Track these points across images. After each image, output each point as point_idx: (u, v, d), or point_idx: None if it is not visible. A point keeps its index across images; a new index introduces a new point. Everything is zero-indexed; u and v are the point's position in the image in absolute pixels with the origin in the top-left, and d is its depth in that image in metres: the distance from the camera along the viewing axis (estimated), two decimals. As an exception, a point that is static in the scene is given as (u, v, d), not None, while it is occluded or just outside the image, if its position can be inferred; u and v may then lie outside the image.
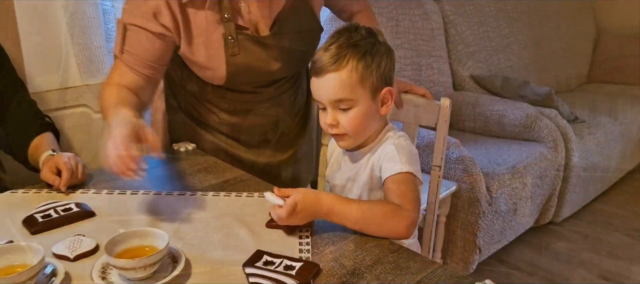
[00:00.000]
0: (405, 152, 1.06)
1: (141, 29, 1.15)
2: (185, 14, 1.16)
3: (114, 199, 1.10)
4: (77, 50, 1.64)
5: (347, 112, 1.05)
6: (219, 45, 1.20)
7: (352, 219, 0.97)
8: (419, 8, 2.57)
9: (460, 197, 1.98)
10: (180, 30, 1.17)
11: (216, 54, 1.21)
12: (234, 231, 0.98)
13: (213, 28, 1.19)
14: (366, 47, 1.03)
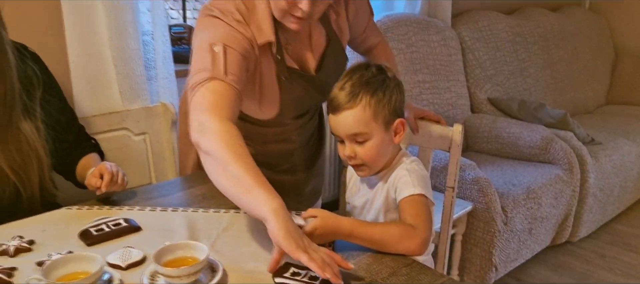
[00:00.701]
0: (418, 176, 1.16)
1: (237, 52, 1.15)
2: (258, 57, 1.24)
3: (157, 215, 1.23)
4: (119, 79, 1.80)
5: (363, 145, 1.15)
6: (274, 83, 1.30)
7: (370, 240, 1.07)
8: (438, 34, 2.68)
9: (476, 217, 2.06)
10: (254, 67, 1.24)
11: (271, 89, 1.31)
12: (263, 244, 1.10)
13: (269, 69, 1.28)
14: (377, 84, 1.14)
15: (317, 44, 1.36)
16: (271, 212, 0.92)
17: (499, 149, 2.56)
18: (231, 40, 1.14)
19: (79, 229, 1.14)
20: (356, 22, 1.44)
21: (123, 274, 0.98)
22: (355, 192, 1.33)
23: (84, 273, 0.92)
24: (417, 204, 1.13)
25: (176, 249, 0.98)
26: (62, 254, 1.01)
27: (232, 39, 1.15)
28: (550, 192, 2.29)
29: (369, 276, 0.98)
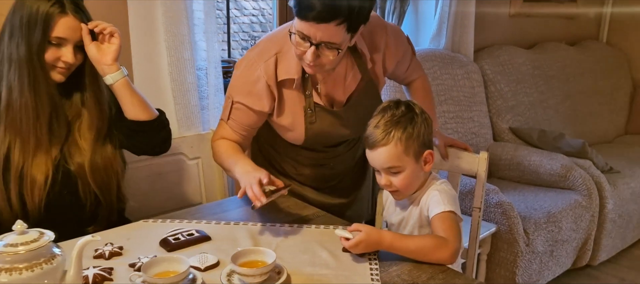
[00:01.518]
0: (447, 196, 1.33)
1: (245, 106, 1.50)
2: (280, 91, 1.50)
3: (222, 227, 1.42)
4: (177, 108, 2.02)
5: (397, 175, 1.33)
6: (301, 115, 1.53)
7: (408, 251, 1.25)
8: (461, 68, 2.86)
9: (500, 238, 2.21)
10: (275, 104, 1.51)
11: (298, 120, 1.54)
12: (317, 253, 1.28)
13: (297, 102, 1.52)
14: (407, 122, 1.31)
15: (350, 85, 1.55)
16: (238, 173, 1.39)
17: (520, 176, 2.71)
18: (246, 95, 1.49)
19: (157, 238, 1.34)
20: (398, 68, 1.65)
21: (202, 275, 1.16)
22: (392, 211, 1.51)
23: (173, 271, 1.11)
24: (447, 220, 1.30)
25: (248, 254, 1.16)
26: (150, 257, 1.20)
27: (247, 93, 1.49)
28: (570, 216, 2.43)
29: (411, 279, 1.15)
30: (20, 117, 1.31)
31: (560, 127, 3.26)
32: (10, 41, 1.30)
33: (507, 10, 3.37)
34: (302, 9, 1.29)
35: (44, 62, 1.32)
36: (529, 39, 3.54)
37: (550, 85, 3.32)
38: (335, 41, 1.32)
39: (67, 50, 1.33)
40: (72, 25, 1.33)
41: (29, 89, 1.30)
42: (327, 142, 1.64)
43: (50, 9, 1.29)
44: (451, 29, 2.88)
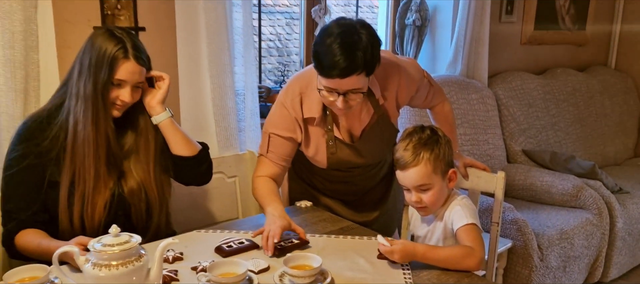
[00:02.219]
0: (469, 210, 1.50)
1: (280, 137, 1.70)
2: (306, 126, 1.71)
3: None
4: (218, 130, 2.21)
5: (427, 192, 1.49)
6: (323, 146, 1.74)
7: (439, 260, 1.40)
8: (476, 93, 3.04)
9: (515, 253, 2.35)
10: (302, 136, 1.72)
11: (321, 151, 1.74)
12: (355, 260, 1.44)
13: (320, 135, 1.72)
14: (433, 144, 1.48)
15: (364, 119, 1.75)
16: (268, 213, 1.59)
17: (533, 196, 2.85)
18: (279, 126, 1.70)
19: (211, 245, 1.51)
20: (414, 100, 1.84)
21: (257, 277, 1.33)
22: (418, 225, 1.67)
23: (233, 273, 1.27)
24: (472, 232, 1.46)
25: (298, 259, 1.33)
26: (209, 262, 1.37)
27: (280, 125, 1.70)
28: (581, 234, 2.56)
29: (440, 282, 1.31)
30: (83, 150, 1.45)
31: (571, 149, 3.40)
32: (79, 79, 1.46)
33: (518, 38, 3.55)
34: (325, 69, 1.48)
35: (107, 100, 1.46)
36: (540, 65, 3.71)
37: (560, 109, 3.48)
38: (359, 87, 1.51)
39: (126, 91, 1.48)
40: (132, 70, 1.47)
41: (91, 125, 1.44)
42: (347, 167, 1.83)
43: (116, 53, 1.44)
44: (466, 56, 3.06)
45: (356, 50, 1.45)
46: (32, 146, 1.45)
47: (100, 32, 1.48)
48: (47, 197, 1.48)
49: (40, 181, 1.47)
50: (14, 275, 1.22)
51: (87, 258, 1.09)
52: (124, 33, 1.49)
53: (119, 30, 1.49)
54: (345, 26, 1.49)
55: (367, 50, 1.47)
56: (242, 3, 2.16)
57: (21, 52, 1.69)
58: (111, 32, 1.47)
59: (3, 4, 1.63)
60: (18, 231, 1.45)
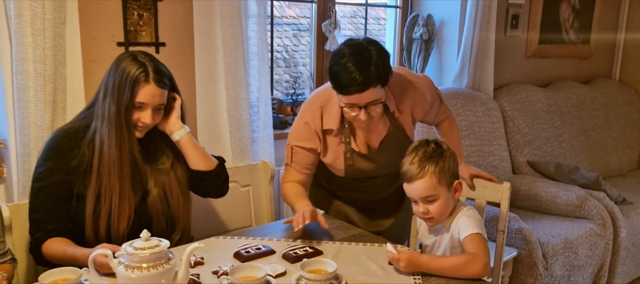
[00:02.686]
0: (474, 220, 1.57)
1: (302, 148, 1.82)
2: (325, 138, 1.81)
3: (283, 243, 1.66)
4: (232, 141, 2.29)
5: (433, 203, 1.55)
6: (341, 156, 1.83)
7: (443, 269, 1.47)
8: (482, 105, 3.11)
9: (520, 262, 2.42)
10: (322, 147, 1.82)
11: (339, 160, 1.84)
12: (367, 265, 1.52)
13: (338, 146, 1.83)
14: (438, 157, 1.54)
15: (381, 132, 1.84)
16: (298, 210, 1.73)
17: (538, 206, 2.91)
18: (300, 139, 1.82)
19: (230, 251, 1.59)
20: (427, 116, 1.94)
21: (275, 281, 1.40)
22: (426, 235, 1.74)
23: (253, 276, 1.35)
24: (476, 240, 1.52)
25: (314, 264, 1.41)
26: (229, 266, 1.45)
27: (301, 138, 1.82)
28: (585, 243, 2.62)
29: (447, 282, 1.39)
30: (108, 169, 1.53)
31: (576, 160, 3.46)
32: (104, 101, 1.54)
33: (523, 52, 3.63)
34: (343, 87, 1.61)
35: (130, 121, 1.54)
36: (545, 78, 3.78)
37: (565, 121, 3.54)
38: (377, 98, 1.63)
39: (147, 114, 1.55)
40: (153, 92, 1.54)
41: (115, 145, 1.52)
42: (363, 177, 1.91)
43: (138, 76, 1.50)
44: (472, 69, 3.14)
45: (369, 66, 1.57)
46: (61, 162, 1.54)
47: (125, 56, 1.56)
48: (74, 210, 1.56)
49: (67, 195, 1.55)
50: (48, 277, 1.30)
51: (120, 261, 1.17)
52: (147, 57, 1.56)
53: (142, 54, 1.57)
54: (355, 46, 1.62)
55: (378, 64, 1.59)
56: (258, 20, 2.26)
57: (51, 66, 1.78)
58: (135, 56, 1.55)
59: (35, 22, 1.73)
60: (46, 239, 1.53)
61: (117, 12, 1.99)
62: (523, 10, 3.50)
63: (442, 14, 3.21)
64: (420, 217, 1.62)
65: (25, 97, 1.77)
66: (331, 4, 2.90)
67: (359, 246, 1.66)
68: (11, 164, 1.85)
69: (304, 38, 3.19)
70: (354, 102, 1.62)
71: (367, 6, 3.20)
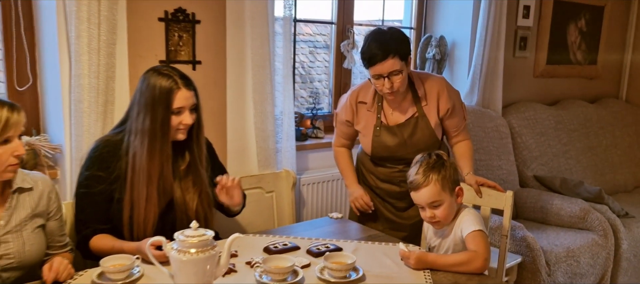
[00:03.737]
0: (475, 219, 1.75)
1: (341, 121, 2.27)
2: (358, 108, 2.22)
3: (306, 241, 1.86)
4: (258, 151, 2.51)
5: (438, 208, 1.75)
6: (371, 130, 2.19)
7: (448, 265, 1.66)
8: (491, 122, 3.29)
9: (524, 268, 2.58)
10: (355, 118, 2.22)
11: (368, 132, 2.19)
12: (382, 260, 1.71)
13: (369, 120, 2.20)
14: (440, 167, 1.74)
15: (407, 111, 2.17)
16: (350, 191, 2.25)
17: (544, 218, 3.07)
18: (342, 113, 2.26)
19: (260, 246, 1.79)
20: (450, 118, 2.17)
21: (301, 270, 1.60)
22: (432, 236, 1.92)
23: (284, 266, 1.55)
24: (477, 237, 1.71)
25: (335, 256, 1.61)
26: (262, 258, 1.65)
27: (342, 113, 2.25)
28: (587, 253, 2.78)
29: (454, 280, 1.58)
30: (138, 178, 1.70)
31: (582, 176, 3.60)
32: (138, 117, 1.70)
33: (532, 71, 3.82)
34: (368, 60, 2.02)
35: (166, 131, 1.69)
36: (552, 97, 3.95)
37: (572, 138, 3.70)
38: (397, 68, 2.00)
39: (186, 115, 1.72)
40: (186, 95, 1.71)
41: (147, 156, 1.68)
42: (388, 155, 2.19)
43: (170, 86, 1.68)
44: (482, 88, 3.32)
45: (387, 40, 1.99)
46: (105, 172, 1.73)
47: (150, 73, 1.73)
48: (113, 212, 1.76)
49: (108, 200, 1.75)
50: (107, 262, 1.52)
51: (172, 246, 1.38)
52: (170, 68, 1.75)
53: (165, 67, 1.76)
54: (377, 29, 2.09)
55: (394, 38, 2.01)
56: (284, 41, 2.48)
57: (103, 81, 2.02)
58: (159, 71, 1.72)
59: (91, 42, 1.97)
60: (92, 236, 1.74)
61: (160, 34, 2.23)
62: (531, 33, 3.70)
63: (454, 35, 3.42)
64: (428, 221, 1.81)
65: (80, 108, 2.00)
66: (349, 25, 3.12)
67: (375, 245, 1.85)
68: (65, 167, 2.08)
69: (319, 55, 3.41)
70: (378, 73, 2.00)
71: (383, 28, 3.42)
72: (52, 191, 1.65)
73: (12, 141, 1.47)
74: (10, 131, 1.45)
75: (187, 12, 2.28)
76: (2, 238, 1.51)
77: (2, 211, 1.53)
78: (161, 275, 1.49)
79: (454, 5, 3.39)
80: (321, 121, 3.01)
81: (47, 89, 2.17)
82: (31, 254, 1.57)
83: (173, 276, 1.41)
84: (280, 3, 2.45)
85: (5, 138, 1.45)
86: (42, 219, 1.62)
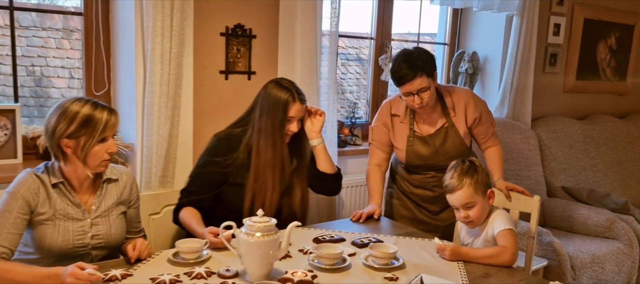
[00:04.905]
0: (506, 219, 1.94)
1: (378, 127, 2.43)
2: (393, 121, 2.39)
3: (350, 234, 2.07)
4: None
5: (472, 209, 1.94)
6: (404, 140, 2.35)
7: (480, 257, 1.85)
8: (521, 133, 3.46)
9: (551, 271, 2.73)
10: (390, 129, 2.38)
11: (402, 142, 2.36)
12: (420, 253, 1.91)
13: (403, 131, 2.37)
14: (472, 172, 1.93)
15: (438, 124, 2.35)
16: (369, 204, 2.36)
17: (570, 226, 3.21)
18: (378, 120, 2.43)
19: (309, 237, 2.01)
20: (478, 127, 2.36)
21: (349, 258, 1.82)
22: (465, 235, 2.11)
23: (334, 253, 1.76)
24: (507, 234, 1.89)
25: (378, 247, 1.82)
26: (314, 246, 1.87)
27: (379, 120, 2.43)
28: (612, 260, 2.91)
29: (485, 271, 1.77)
30: (263, 168, 2.06)
31: (609, 189, 3.72)
32: (260, 118, 2.07)
33: (561, 87, 3.96)
34: (398, 79, 2.21)
35: (283, 131, 2.06)
36: (581, 111, 4.09)
37: (600, 152, 3.82)
38: (425, 86, 2.19)
39: (294, 124, 2.09)
40: (299, 108, 2.08)
41: (271, 150, 2.05)
42: (421, 163, 2.38)
43: (288, 98, 2.04)
44: (512, 101, 3.49)
45: (414, 60, 2.17)
46: (221, 161, 2.08)
47: (271, 84, 2.09)
48: (230, 195, 2.10)
49: (217, 183, 2.09)
50: (182, 244, 1.76)
51: (241, 230, 1.62)
52: (289, 82, 2.11)
53: (285, 80, 2.11)
54: (405, 51, 2.26)
55: (421, 58, 2.19)
56: (329, 55, 2.72)
57: (173, 88, 2.29)
58: (280, 84, 2.09)
59: (164, 54, 2.23)
60: (185, 206, 2.07)
61: (221, 47, 2.50)
62: (561, 50, 3.85)
63: (486, 51, 3.60)
64: (462, 221, 2.01)
65: (151, 111, 2.27)
66: (387, 41, 3.34)
67: (412, 240, 2.06)
68: (136, 164, 2.35)
69: (351, 67, 3.64)
70: (408, 90, 2.20)
71: (418, 43, 3.63)
72: (134, 183, 1.91)
73: (108, 140, 1.73)
74: (108, 132, 1.71)
75: (245, 27, 2.54)
76: (94, 221, 1.77)
77: (94, 198, 1.79)
78: (226, 258, 1.73)
79: (487, 22, 3.58)
80: (359, 129, 3.23)
81: (121, 94, 2.45)
82: (116, 236, 1.82)
83: (241, 257, 1.65)
84: (327, 20, 2.69)
85: (103, 137, 1.71)
86: (124, 207, 1.87)
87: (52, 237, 1.69)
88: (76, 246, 1.72)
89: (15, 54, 2.33)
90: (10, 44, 2.31)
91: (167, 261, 1.73)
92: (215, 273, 1.65)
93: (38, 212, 1.67)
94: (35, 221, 1.68)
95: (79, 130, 1.65)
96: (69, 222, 1.72)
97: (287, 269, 1.68)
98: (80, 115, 1.65)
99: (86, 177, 1.74)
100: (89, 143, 1.67)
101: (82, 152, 1.67)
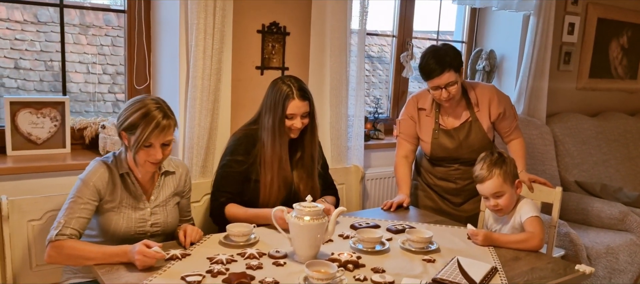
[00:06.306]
0: (533, 207, 2.06)
1: (405, 120, 2.55)
2: (419, 114, 2.51)
3: (384, 221, 2.20)
4: (332, 147, 2.86)
5: (501, 198, 2.06)
6: (429, 133, 2.46)
7: (510, 242, 1.98)
8: (536, 129, 3.58)
9: (568, 261, 2.85)
10: (417, 122, 2.49)
11: (427, 134, 2.47)
12: (452, 239, 2.04)
13: (428, 124, 2.49)
14: (501, 163, 2.06)
15: (462, 118, 2.46)
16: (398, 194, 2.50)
17: (585, 219, 3.33)
18: (404, 114, 2.56)
19: (346, 225, 2.13)
20: (501, 122, 2.47)
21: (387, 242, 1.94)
22: (493, 223, 2.24)
23: (374, 237, 1.89)
24: (534, 221, 2.02)
25: (415, 232, 1.94)
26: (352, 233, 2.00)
27: (406, 113, 2.55)
28: (626, 251, 3.03)
29: (515, 255, 1.90)
30: (270, 162, 2.12)
31: (621, 184, 3.83)
32: (265, 115, 2.12)
33: (575, 84, 4.08)
34: (426, 74, 2.32)
35: (283, 129, 2.08)
36: (594, 108, 4.21)
37: (611, 148, 3.94)
38: (452, 80, 2.30)
39: (297, 121, 2.10)
40: (298, 105, 2.07)
41: (271, 147, 2.10)
42: (445, 155, 2.49)
43: (287, 93, 2.06)
44: (528, 98, 3.61)
45: (443, 56, 2.28)
46: (244, 157, 2.15)
47: (277, 81, 2.13)
48: (248, 189, 2.16)
49: (244, 180, 2.16)
50: (232, 228, 1.89)
51: (292, 214, 1.75)
52: (293, 79, 2.13)
53: (289, 78, 2.13)
54: (433, 47, 2.37)
55: (449, 54, 2.30)
56: (358, 53, 2.85)
57: (214, 83, 2.41)
58: (283, 81, 2.11)
59: (206, 51, 2.35)
60: (227, 204, 2.14)
61: (257, 44, 2.62)
62: (575, 48, 3.97)
63: (503, 49, 3.72)
64: (492, 209, 2.13)
65: (193, 104, 2.39)
66: (408, 39, 3.46)
67: (443, 227, 2.19)
68: (178, 155, 2.47)
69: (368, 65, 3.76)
70: (436, 84, 2.31)
71: (437, 41, 3.75)
72: (188, 174, 2.03)
73: (155, 147, 1.77)
74: (155, 136, 1.75)
75: (280, 25, 2.66)
76: (153, 210, 1.90)
77: (153, 189, 1.91)
78: (273, 241, 1.87)
79: (504, 21, 3.70)
80: (382, 124, 3.35)
81: (162, 88, 2.58)
82: (171, 224, 1.95)
83: (291, 239, 1.78)
84: (356, 18, 2.82)
85: (150, 143, 1.76)
86: (179, 197, 2.00)
87: (117, 223, 1.81)
88: (137, 232, 1.85)
89: (64, 50, 2.46)
90: (59, 41, 2.44)
91: (218, 243, 1.86)
92: (265, 254, 1.78)
93: (106, 200, 1.80)
94: (103, 208, 1.80)
95: (133, 126, 1.73)
96: (132, 210, 1.85)
97: (332, 251, 1.80)
98: (140, 109, 1.75)
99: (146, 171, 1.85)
100: (140, 140, 1.72)
101: (132, 150, 1.76)
